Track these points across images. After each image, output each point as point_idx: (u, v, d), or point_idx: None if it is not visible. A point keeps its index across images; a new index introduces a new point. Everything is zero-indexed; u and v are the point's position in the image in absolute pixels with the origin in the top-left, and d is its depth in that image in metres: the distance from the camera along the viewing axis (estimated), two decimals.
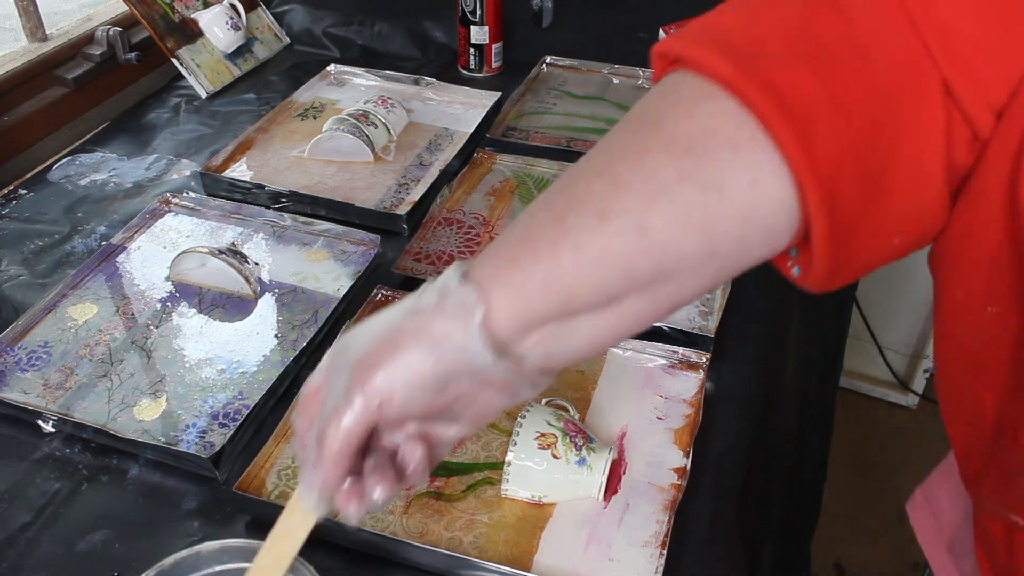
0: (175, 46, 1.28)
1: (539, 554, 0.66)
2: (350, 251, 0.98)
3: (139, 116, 1.25)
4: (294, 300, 0.91)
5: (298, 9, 1.47)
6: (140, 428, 0.76)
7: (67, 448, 0.75)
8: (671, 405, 0.79)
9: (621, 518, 0.69)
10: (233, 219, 1.03)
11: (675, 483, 0.72)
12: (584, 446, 0.69)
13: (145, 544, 0.68)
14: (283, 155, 1.14)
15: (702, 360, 0.82)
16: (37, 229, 1.02)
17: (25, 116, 1.16)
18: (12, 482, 0.72)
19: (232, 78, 1.34)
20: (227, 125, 1.23)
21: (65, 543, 0.68)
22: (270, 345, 0.85)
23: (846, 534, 1.69)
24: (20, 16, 1.21)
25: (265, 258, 0.97)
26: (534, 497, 0.70)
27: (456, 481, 0.72)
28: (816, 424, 1.08)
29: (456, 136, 1.19)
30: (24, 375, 0.81)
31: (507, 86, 1.28)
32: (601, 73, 1.34)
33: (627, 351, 0.84)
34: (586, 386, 0.81)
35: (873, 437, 1.86)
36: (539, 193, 1.06)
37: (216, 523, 0.69)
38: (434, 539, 0.67)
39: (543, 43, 1.40)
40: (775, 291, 0.92)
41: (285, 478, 0.72)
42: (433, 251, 0.97)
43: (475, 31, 1.31)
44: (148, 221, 1.02)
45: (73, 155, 1.16)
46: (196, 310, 0.90)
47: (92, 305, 0.90)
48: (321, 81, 1.32)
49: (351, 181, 1.09)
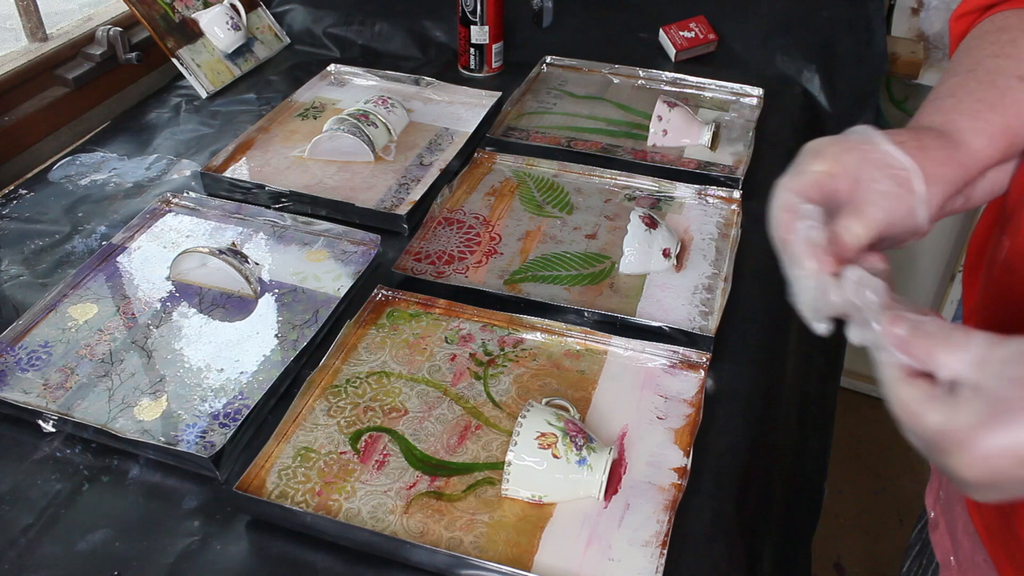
0: (175, 46, 1.28)
1: (539, 554, 0.66)
2: (350, 251, 0.98)
3: (139, 116, 1.25)
4: (294, 300, 0.91)
5: (298, 9, 1.47)
6: (140, 428, 0.76)
7: (67, 448, 0.75)
8: (671, 405, 0.79)
9: (621, 518, 0.69)
10: (233, 219, 1.03)
11: (675, 483, 0.72)
12: (584, 446, 0.69)
13: (145, 544, 0.68)
14: (283, 155, 1.14)
15: (702, 360, 0.82)
16: (37, 229, 1.02)
17: (25, 116, 1.16)
18: (13, 482, 0.72)
19: (232, 78, 1.34)
20: (227, 125, 1.23)
21: (65, 543, 0.68)
22: (270, 345, 0.85)
23: (846, 534, 1.70)
24: (20, 16, 1.21)
25: (265, 258, 0.97)
26: (534, 497, 0.70)
27: (456, 481, 0.72)
28: (816, 424, 1.07)
29: (456, 136, 1.19)
30: (24, 375, 0.81)
31: (507, 86, 1.28)
32: (601, 73, 1.34)
33: (627, 351, 0.84)
34: (586, 386, 0.81)
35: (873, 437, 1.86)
36: (539, 193, 1.06)
37: (216, 523, 0.69)
38: (434, 539, 0.67)
39: (543, 43, 1.40)
40: (775, 291, 0.92)
41: (285, 478, 0.72)
42: (433, 251, 0.97)
43: (475, 31, 1.31)
44: (148, 221, 1.02)
45: (73, 155, 1.16)
46: (196, 310, 0.90)
47: (92, 305, 0.90)
48: (321, 81, 1.32)
49: (351, 181, 1.09)
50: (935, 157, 0.51)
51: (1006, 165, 0.57)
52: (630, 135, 1.19)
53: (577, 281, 0.93)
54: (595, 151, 1.14)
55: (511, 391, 0.80)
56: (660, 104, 1.16)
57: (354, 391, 0.80)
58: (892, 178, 0.49)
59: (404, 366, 0.83)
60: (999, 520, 0.60)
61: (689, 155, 1.15)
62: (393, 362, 0.83)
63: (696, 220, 1.02)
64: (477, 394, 0.80)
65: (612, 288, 0.92)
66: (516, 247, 0.98)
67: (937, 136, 0.53)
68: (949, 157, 0.52)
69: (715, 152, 1.15)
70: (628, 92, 1.30)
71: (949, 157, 0.52)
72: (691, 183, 1.07)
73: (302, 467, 0.73)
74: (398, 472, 0.73)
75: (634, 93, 1.29)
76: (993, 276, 0.58)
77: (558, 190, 1.08)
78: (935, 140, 0.52)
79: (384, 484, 0.71)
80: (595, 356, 0.84)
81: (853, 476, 1.77)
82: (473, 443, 0.75)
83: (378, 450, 0.74)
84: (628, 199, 1.06)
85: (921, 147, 0.51)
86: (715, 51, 1.39)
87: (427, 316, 0.88)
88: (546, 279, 0.93)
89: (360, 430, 0.76)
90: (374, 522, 0.68)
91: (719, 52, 1.39)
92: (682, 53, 1.37)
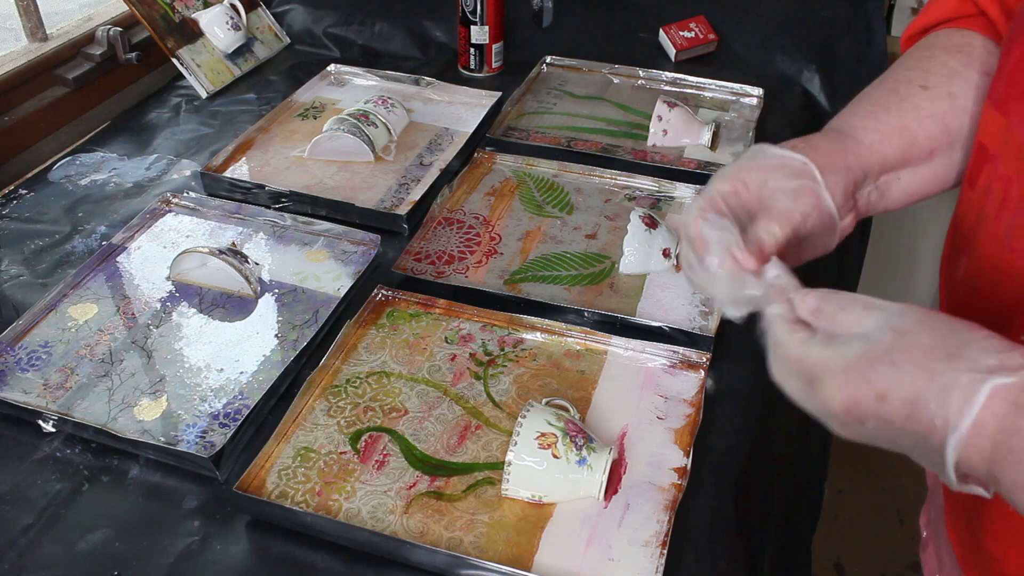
0: (175, 46, 1.28)
1: (539, 554, 0.66)
2: (350, 251, 0.98)
3: (139, 116, 1.25)
4: (294, 300, 0.91)
5: (298, 9, 1.47)
6: (140, 428, 0.76)
7: (68, 448, 0.75)
8: (671, 405, 0.79)
9: (621, 518, 0.69)
10: (233, 219, 1.03)
11: (675, 483, 0.72)
12: (584, 446, 0.69)
13: (145, 544, 0.68)
14: (283, 155, 1.14)
15: (702, 360, 0.82)
16: (37, 229, 1.02)
17: (25, 116, 1.16)
18: (13, 482, 0.72)
19: (232, 78, 1.34)
20: (227, 125, 1.23)
21: (65, 543, 0.68)
22: (270, 345, 0.85)
23: (846, 534, 1.69)
24: (20, 16, 1.21)
25: (265, 258, 0.97)
26: (534, 497, 0.70)
27: (456, 481, 0.72)
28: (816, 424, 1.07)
29: (456, 136, 1.19)
30: (24, 375, 0.81)
31: (507, 86, 1.28)
32: (601, 73, 1.34)
33: (627, 351, 0.84)
34: (587, 386, 0.81)
35: None
36: (539, 193, 1.06)
37: (216, 523, 0.69)
38: (434, 539, 0.67)
39: (543, 43, 1.40)
40: None
41: (285, 478, 0.72)
42: (433, 251, 0.97)
43: (475, 31, 1.31)
44: (148, 221, 1.02)
45: (73, 155, 1.16)
46: (196, 310, 0.90)
47: (92, 305, 0.90)
48: (321, 81, 1.32)
49: (351, 181, 1.09)
50: (825, 150, 0.56)
51: (919, 169, 0.60)
52: (630, 135, 1.19)
53: (577, 281, 0.93)
54: (595, 151, 1.14)
55: (511, 391, 0.80)
56: (660, 104, 1.16)
57: (354, 391, 0.80)
58: (791, 174, 0.54)
59: (404, 366, 0.83)
60: (969, 533, 0.60)
61: (689, 155, 1.15)
62: (393, 362, 0.83)
63: None
64: (477, 394, 0.80)
65: (612, 288, 0.92)
66: (516, 247, 0.98)
67: (826, 135, 0.59)
68: (839, 148, 0.57)
69: (715, 152, 1.15)
70: (628, 92, 1.30)
71: (839, 148, 0.57)
72: (691, 183, 1.07)
73: (302, 467, 0.73)
74: (398, 472, 0.73)
75: (634, 93, 1.29)
76: (953, 295, 0.59)
77: (558, 190, 1.08)
78: (824, 138, 0.58)
79: (384, 484, 0.71)
80: (595, 356, 0.84)
81: (853, 476, 1.76)
82: (473, 443, 0.75)
83: (378, 450, 0.74)
84: (628, 199, 1.06)
85: (810, 145, 0.56)
86: (715, 51, 1.39)
87: (427, 316, 0.88)
88: (546, 279, 0.93)
89: (360, 430, 0.76)
90: (374, 522, 0.68)
91: (719, 52, 1.39)
92: (682, 53, 1.37)
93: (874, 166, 0.58)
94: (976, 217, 0.55)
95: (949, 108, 0.59)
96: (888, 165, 0.59)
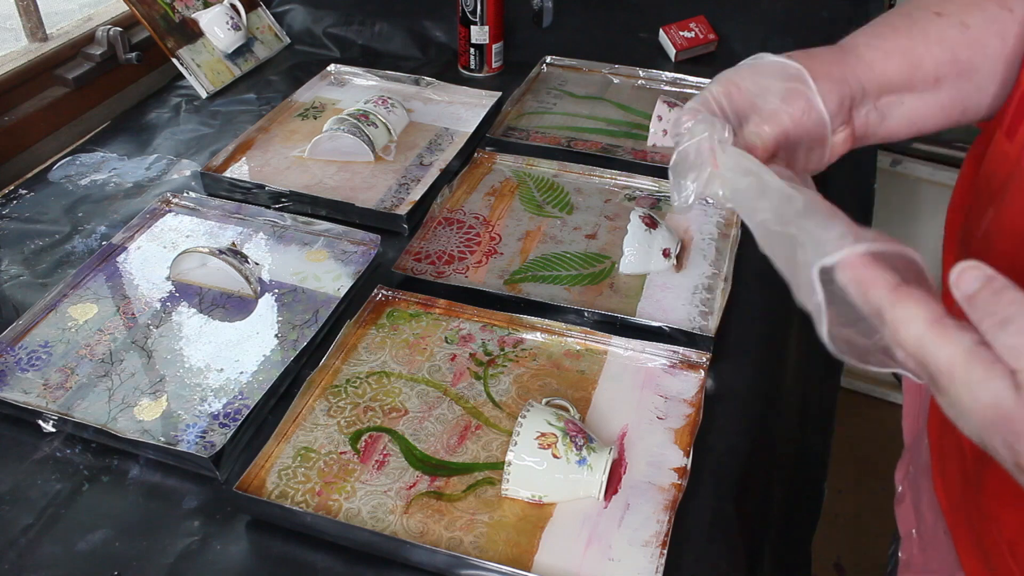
0: (175, 46, 1.28)
1: (539, 554, 0.66)
2: (350, 251, 0.98)
3: (139, 116, 1.25)
4: (294, 300, 0.91)
5: (298, 9, 1.47)
6: (140, 428, 0.76)
7: (67, 448, 0.75)
8: (671, 405, 0.79)
9: (621, 518, 0.69)
10: (233, 219, 1.03)
11: (675, 483, 0.72)
12: (584, 446, 0.69)
13: (145, 544, 0.68)
14: (283, 155, 1.14)
15: (702, 360, 0.82)
16: (37, 229, 1.02)
17: (25, 116, 1.16)
18: (13, 482, 0.72)
19: (232, 78, 1.34)
20: (227, 125, 1.23)
21: (65, 543, 0.68)
22: (270, 345, 0.85)
23: (846, 534, 1.69)
24: (20, 16, 1.21)
25: (265, 258, 0.97)
26: (534, 497, 0.70)
27: (456, 481, 0.72)
28: (816, 424, 1.07)
29: (456, 136, 1.19)
30: (24, 375, 0.81)
31: (507, 86, 1.28)
32: (601, 73, 1.34)
33: (627, 351, 0.84)
34: (586, 386, 0.81)
35: (873, 437, 1.86)
36: (539, 193, 1.06)
37: (216, 523, 0.69)
38: (434, 539, 0.67)
39: (543, 43, 1.40)
40: (775, 291, 0.92)
41: (285, 478, 0.72)
42: (433, 251, 0.97)
43: (475, 31, 1.31)
44: (148, 221, 1.02)
45: (73, 155, 1.16)
46: (196, 310, 0.90)
47: (92, 305, 0.90)
48: (321, 81, 1.32)
49: (351, 181, 1.09)
50: (823, 60, 0.56)
51: (924, 96, 0.59)
52: (630, 135, 1.19)
53: (577, 281, 0.93)
54: (595, 151, 1.14)
55: (511, 391, 0.80)
56: (660, 104, 1.16)
57: (354, 391, 0.80)
58: (784, 78, 0.54)
59: (404, 366, 0.83)
60: (962, 490, 0.60)
61: None
62: (393, 362, 0.83)
63: (696, 220, 1.02)
64: (477, 394, 0.80)
65: (612, 288, 0.92)
66: (516, 247, 0.98)
67: (828, 49, 0.58)
68: (838, 60, 0.56)
69: None
70: (628, 92, 1.30)
71: (838, 60, 0.56)
72: None
73: (302, 467, 0.73)
74: (398, 472, 0.73)
75: (634, 93, 1.29)
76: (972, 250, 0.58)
77: (558, 190, 1.08)
78: (825, 50, 0.58)
79: (384, 484, 0.71)
80: (595, 356, 0.84)
81: (853, 476, 1.76)
82: (473, 443, 0.75)
83: (378, 450, 0.74)
84: (628, 199, 1.06)
85: (808, 55, 0.56)
86: (715, 51, 1.39)
87: (427, 316, 0.88)
88: (546, 279, 0.93)
89: (360, 430, 0.76)
90: (374, 522, 0.68)
91: (719, 52, 1.39)
92: (682, 53, 1.37)
93: (873, 84, 0.57)
94: (1012, 168, 0.54)
95: (960, 37, 0.57)
96: (889, 86, 0.58)
